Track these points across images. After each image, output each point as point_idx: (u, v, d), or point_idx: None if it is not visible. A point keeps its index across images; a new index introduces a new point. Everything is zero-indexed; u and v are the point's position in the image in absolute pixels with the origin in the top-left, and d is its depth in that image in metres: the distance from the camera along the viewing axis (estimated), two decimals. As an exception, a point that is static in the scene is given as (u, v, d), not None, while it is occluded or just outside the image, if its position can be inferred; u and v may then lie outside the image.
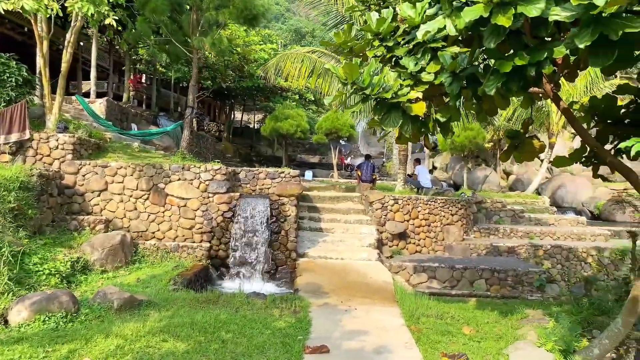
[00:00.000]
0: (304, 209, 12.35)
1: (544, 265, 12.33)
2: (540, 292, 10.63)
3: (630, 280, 7.95)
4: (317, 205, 12.53)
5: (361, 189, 13.25)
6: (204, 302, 7.18)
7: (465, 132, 19.88)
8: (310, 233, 11.28)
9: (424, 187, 13.97)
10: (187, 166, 10.10)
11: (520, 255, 12.42)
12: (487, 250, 12.46)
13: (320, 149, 37.82)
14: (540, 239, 13.72)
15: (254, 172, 10.99)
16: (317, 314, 6.89)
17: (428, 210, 12.45)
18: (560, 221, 15.02)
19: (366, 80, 5.04)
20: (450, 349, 5.94)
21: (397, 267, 10.76)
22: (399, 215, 12.06)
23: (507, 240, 13.44)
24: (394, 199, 12.04)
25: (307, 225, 11.55)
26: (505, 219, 14.83)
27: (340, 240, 10.93)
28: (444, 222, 12.76)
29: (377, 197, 12.07)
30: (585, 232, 13.89)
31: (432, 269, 10.73)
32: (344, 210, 12.52)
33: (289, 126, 23.07)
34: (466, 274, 10.70)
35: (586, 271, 12.39)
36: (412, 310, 7.33)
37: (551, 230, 13.87)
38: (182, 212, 10.01)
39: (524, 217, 14.92)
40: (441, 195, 13.65)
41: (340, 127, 23.20)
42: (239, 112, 40.65)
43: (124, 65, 22.03)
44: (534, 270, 10.75)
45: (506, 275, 10.68)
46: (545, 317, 7.10)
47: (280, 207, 10.03)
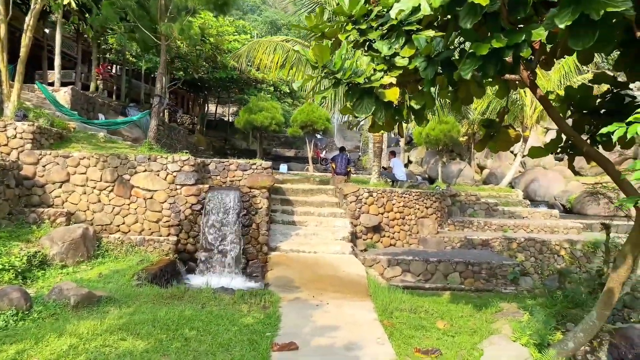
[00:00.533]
0: (276, 202, 12.07)
1: (517, 258, 12.33)
2: (514, 285, 10.60)
3: (604, 272, 7.93)
4: (290, 198, 12.26)
5: (335, 181, 13.04)
6: (168, 297, 6.85)
7: (440, 126, 19.85)
8: (282, 226, 11.01)
9: (398, 180, 13.83)
10: (154, 157, 9.70)
11: (494, 248, 12.40)
12: (461, 243, 12.39)
13: (296, 142, 37.51)
14: (514, 231, 13.74)
15: (224, 164, 10.64)
16: (287, 309, 6.65)
17: (403, 203, 12.30)
18: (533, 214, 15.09)
19: (337, 63, 4.79)
20: (423, 344, 5.77)
21: (371, 261, 10.58)
22: (373, 208, 11.88)
23: (481, 233, 13.41)
24: (368, 192, 11.86)
25: (279, 218, 11.27)
26: (479, 212, 14.82)
27: (313, 233, 10.69)
28: (419, 215, 12.64)
29: (351, 190, 11.86)
30: (558, 225, 13.97)
31: (406, 263, 10.58)
32: (318, 203, 12.29)
33: (264, 118, 22.71)
34: (440, 267, 10.60)
35: (559, 264, 12.44)
36: (386, 304, 7.14)
37: (525, 223, 13.90)
38: (148, 205, 9.62)
39: (498, 210, 14.94)
40: (416, 188, 13.53)
41: (316, 120, 22.94)
42: (213, 104, 40.00)
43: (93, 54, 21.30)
44: (508, 263, 10.71)
45: (480, 268, 10.62)
46: (519, 311, 7.00)
47: (251, 200, 9.72)
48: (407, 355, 5.41)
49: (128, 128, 16.64)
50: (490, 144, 6.31)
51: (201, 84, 27.87)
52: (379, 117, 5.28)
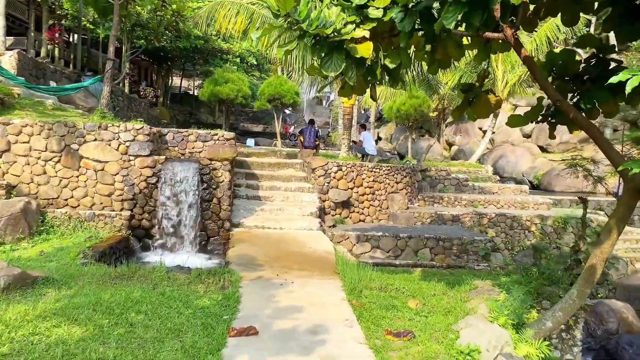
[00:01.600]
0: (240, 176, 11.43)
1: (488, 233, 12.10)
2: (486, 261, 10.34)
3: (579, 247, 7.66)
4: (255, 172, 11.63)
5: (303, 155, 12.45)
6: (116, 277, 6.21)
7: (410, 101, 19.38)
8: (247, 201, 10.40)
9: (369, 154, 13.35)
10: (105, 125, 8.88)
11: (465, 224, 12.13)
12: (431, 219, 12.06)
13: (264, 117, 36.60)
14: (484, 207, 13.52)
15: (182, 134, 9.89)
16: (249, 289, 6.10)
17: (373, 178, 11.84)
18: (503, 190, 14.91)
19: (303, 12, 4.16)
20: (395, 326, 5.34)
21: (339, 237, 10.12)
22: (342, 183, 11.37)
23: (451, 208, 13.13)
24: (337, 166, 11.33)
25: (243, 193, 10.65)
26: (449, 187, 14.53)
27: (279, 208, 10.13)
28: (389, 190, 12.22)
29: (319, 164, 11.31)
30: (528, 200, 13.81)
31: (376, 239, 10.17)
32: (285, 178, 11.70)
33: (229, 91, 21.74)
34: (410, 243, 10.23)
35: (529, 239, 12.28)
36: (354, 283, 6.67)
37: (495, 199, 13.69)
38: (99, 177, 8.83)
39: (468, 186, 14.69)
40: (386, 163, 13.09)
41: (284, 93, 22.12)
42: (178, 77, 38.52)
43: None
44: (479, 239, 10.43)
45: (451, 244, 10.30)
46: (495, 289, 6.66)
47: (212, 173, 9.06)
48: (378, 338, 4.96)
49: (83, 97, 15.54)
50: (469, 111, 5.83)
51: (164, 55, 26.56)
52: (350, 77, 4.71)
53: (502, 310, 5.62)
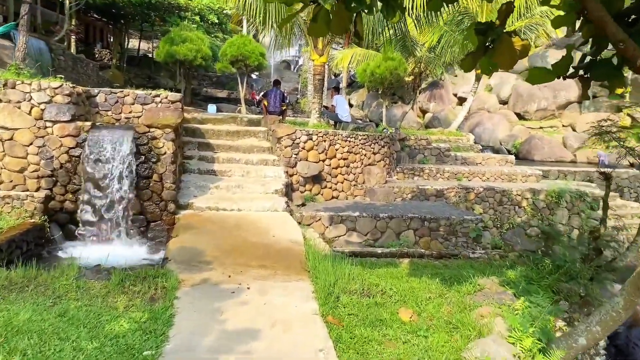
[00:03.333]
0: (192, 147, 9.65)
1: (475, 210, 10.77)
2: (478, 244, 9.00)
3: (600, 233, 6.32)
4: (210, 142, 9.85)
5: (267, 122, 10.73)
6: (3, 288, 4.50)
7: (385, 63, 17.63)
8: (199, 177, 8.67)
9: (342, 122, 11.71)
10: (12, 82, 6.93)
11: (450, 200, 10.74)
12: (412, 194, 10.63)
13: (229, 83, 34.32)
14: (469, 179, 12.17)
15: (117, 95, 8.01)
16: (187, 302, 4.50)
17: (347, 149, 10.25)
18: (488, 160, 13.58)
19: None
20: (386, 355, 3.86)
21: (309, 218, 8.56)
22: (313, 155, 9.75)
23: (433, 182, 11.72)
24: (307, 135, 9.67)
25: (195, 166, 8.91)
26: (430, 158, 13.09)
27: (237, 185, 8.46)
28: (365, 162, 10.68)
29: (286, 132, 9.63)
30: (515, 172, 12.51)
31: (352, 219, 8.66)
32: (246, 148, 9.98)
33: (187, 51, 19.56)
34: (392, 224, 8.77)
35: (520, 216, 11.02)
36: (329, 285, 5.14)
37: (480, 171, 12.34)
38: (7, 149, 6.94)
39: (450, 156, 13.29)
40: (362, 131, 11.49)
41: (248, 54, 20.04)
42: (136, 39, 35.59)
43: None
44: (469, 219, 9.04)
45: (438, 224, 8.89)
46: (506, 291, 5.24)
47: (151, 143, 7.28)
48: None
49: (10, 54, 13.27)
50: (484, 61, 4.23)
51: (117, 12, 23.93)
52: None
53: (526, 327, 4.19)
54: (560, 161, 19.77)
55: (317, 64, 10.23)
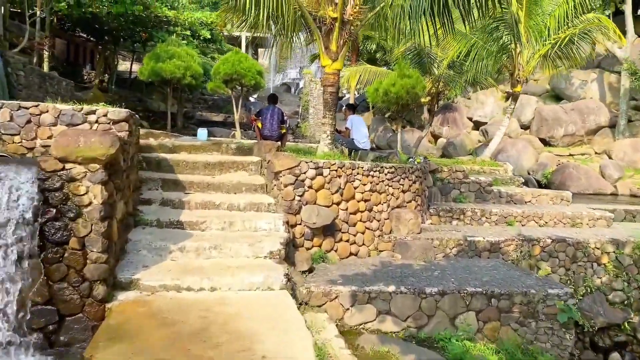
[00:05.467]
0: (154, 186, 6.70)
1: (541, 270, 7.80)
2: (566, 330, 5.99)
3: None
4: (180, 179, 6.91)
5: (262, 150, 7.84)
6: None
7: (402, 81, 14.88)
8: (156, 233, 5.71)
9: (359, 149, 8.80)
10: None
11: (509, 255, 7.78)
12: (459, 249, 7.66)
13: (226, 106, 31.66)
14: (523, 224, 9.22)
15: (29, 112, 5.11)
16: None
17: (370, 186, 7.32)
18: (538, 197, 10.62)
19: None
20: None
21: (321, 297, 5.57)
22: (323, 196, 6.82)
23: (478, 228, 8.79)
24: (316, 168, 6.75)
25: (153, 217, 5.94)
26: (467, 194, 10.16)
27: (214, 246, 5.49)
28: (393, 204, 7.75)
29: (287, 165, 6.72)
30: (580, 214, 9.54)
31: (385, 297, 5.66)
32: (230, 187, 7.03)
33: (174, 68, 16.81)
34: (443, 303, 5.77)
35: (599, 276, 8.03)
36: None
37: (534, 212, 9.38)
38: None
39: (492, 193, 10.35)
40: (385, 160, 8.57)
41: (244, 72, 17.26)
42: (129, 61, 33.03)
43: None
44: (554, 293, 6.03)
45: (510, 302, 5.89)
46: None
47: (68, 187, 4.37)
48: None
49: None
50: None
51: (100, 28, 21.31)
52: None
53: None
54: (600, 193, 16.84)
55: (330, 72, 7.34)
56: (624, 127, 19.39)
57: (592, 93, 22.05)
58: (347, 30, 6.99)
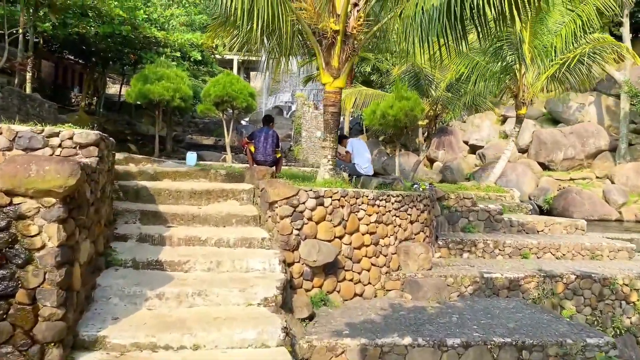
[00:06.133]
0: (131, 219, 5.84)
1: (564, 310, 6.99)
2: (608, 387, 5.15)
3: None
4: (161, 210, 6.05)
5: (254, 176, 7.03)
6: None
7: (400, 103, 14.25)
8: (131, 276, 4.83)
9: (361, 175, 8.02)
10: None
11: (529, 293, 6.96)
12: (475, 287, 6.83)
13: (217, 129, 31.00)
14: (538, 257, 8.43)
15: (-24, 134, 4.31)
16: None
17: (376, 217, 6.52)
18: (552, 226, 9.87)
19: None
20: None
21: (324, 351, 4.69)
22: (325, 229, 6.00)
23: (492, 261, 8.00)
24: (316, 197, 5.94)
25: (128, 256, 5.07)
26: (477, 224, 9.38)
27: (198, 291, 4.63)
28: (400, 236, 6.94)
29: (284, 194, 5.91)
30: (599, 244, 8.78)
31: (400, 351, 4.80)
32: (219, 219, 6.19)
33: (163, 90, 16.08)
34: (467, 356, 4.91)
35: (629, 315, 7.23)
36: None
37: (551, 243, 8.59)
38: None
39: (502, 222, 9.57)
40: (390, 187, 7.79)
41: (235, 94, 16.61)
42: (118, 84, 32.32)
43: None
44: (594, 343, 5.20)
45: (545, 355, 5.04)
46: None
47: (15, 226, 3.54)
48: None
49: None
50: None
51: (87, 49, 20.60)
52: None
53: None
54: (605, 220, 16.20)
55: (331, 90, 6.59)
56: (625, 151, 18.89)
57: (590, 116, 21.64)
58: (350, 44, 6.30)
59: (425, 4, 5.49)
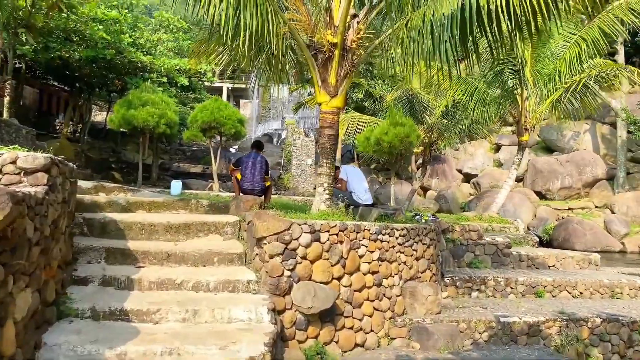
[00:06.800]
0: (95, 257, 4.96)
1: (591, 358, 6.16)
2: None
3: None
4: (130, 247, 5.16)
5: (240, 207, 6.23)
6: None
7: (395, 129, 13.65)
8: (88, 330, 3.94)
9: (359, 205, 7.23)
10: None
11: (552, 339, 6.14)
12: (490, 333, 5.99)
13: (205, 157, 30.25)
14: (554, 295, 7.64)
15: None
16: None
17: (378, 254, 5.71)
18: (563, 260, 9.11)
19: None
20: None
21: None
22: (321, 269, 5.17)
23: (504, 300, 7.20)
24: (311, 232, 5.13)
25: (86, 305, 4.18)
26: (483, 258, 8.60)
27: (170, 350, 3.76)
28: (405, 275, 6.13)
29: (274, 228, 5.09)
30: (619, 282, 8.01)
31: (415, 422, 3.95)
32: (198, 257, 5.33)
33: (147, 115, 15.32)
34: None
35: (662, 365, 6.41)
36: None
37: (567, 281, 7.80)
38: None
39: (511, 256, 8.82)
40: (392, 219, 6.99)
41: (224, 120, 15.95)
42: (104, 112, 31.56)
43: None
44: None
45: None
46: None
47: None
48: None
49: None
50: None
51: (71, 74, 19.88)
52: None
53: None
54: (608, 251, 15.51)
55: (327, 110, 5.84)
56: (624, 180, 18.39)
57: (585, 144, 21.25)
58: (348, 59, 5.62)
59: (435, 14, 4.84)
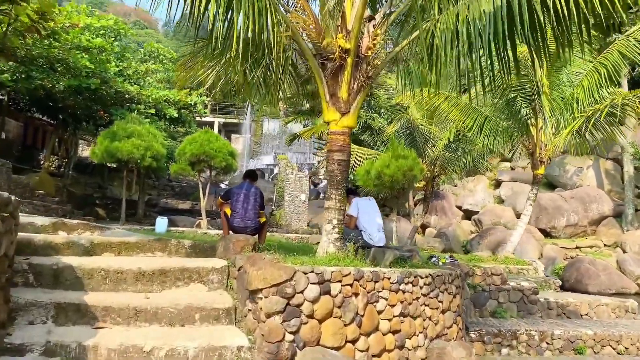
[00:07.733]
0: (39, 315, 3.78)
1: None
2: None
3: None
4: (88, 301, 3.99)
5: (230, 249, 5.11)
6: None
7: (397, 162, 12.69)
8: None
9: (372, 246, 6.11)
10: None
11: (612, 415, 4.96)
12: (538, 406, 4.81)
13: (194, 193, 29.07)
14: (596, 351, 6.49)
15: None
16: None
17: (400, 308, 4.58)
18: (596, 308, 8.00)
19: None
20: None
21: None
22: (332, 330, 4.02)
23: (538, 359, 6.03)
24: (320, 282, 4.01)
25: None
26: (508, 305, 7.46)
27: None
28: (431, 332, 4.98)
29: (272, 278, 3.96)
30: (667, 334, 6.92)
31: None
32: (175, 314, 4.16)
33: (132, 147, 14.30)
34: None
35: None
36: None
37: (610, 334, 6.67)
38: None
39: (538, 303, 7.70)
40: (409, 264, 5.88)
41: (214, 153, 14.92)
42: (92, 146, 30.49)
43: None
44: None
45: None
46: None
47: None
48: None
49: None
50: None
51: (54, 106, 18.90)
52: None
53: None
54: (623, 293, 14.38)
55: (337, 130, 4.79)
56: (632, 217, 17.48)
57: (589, 180, 20.45)
58: (363, 69, 4.67)
59: (472, 12, 3.92)
